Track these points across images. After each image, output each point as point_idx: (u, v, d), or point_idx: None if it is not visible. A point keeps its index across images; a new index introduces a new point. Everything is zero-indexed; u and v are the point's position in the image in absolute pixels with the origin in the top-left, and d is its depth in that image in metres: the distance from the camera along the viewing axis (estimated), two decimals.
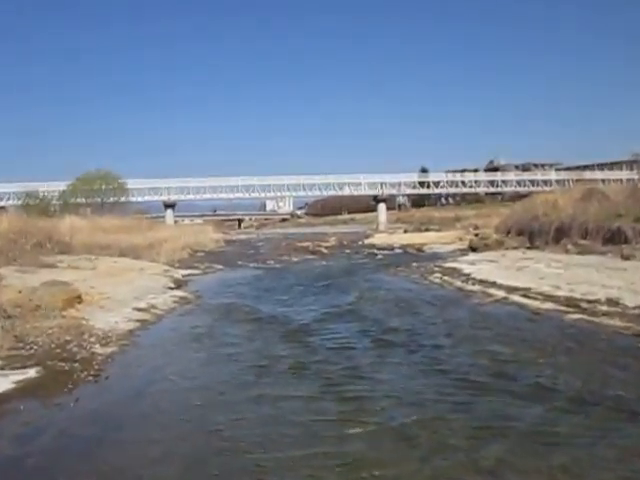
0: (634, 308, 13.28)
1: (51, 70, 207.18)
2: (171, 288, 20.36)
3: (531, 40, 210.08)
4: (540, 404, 8.42)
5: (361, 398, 8.90)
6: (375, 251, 38.16)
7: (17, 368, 10.24)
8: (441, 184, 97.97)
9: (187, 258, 34.76)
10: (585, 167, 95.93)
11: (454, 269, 22.47)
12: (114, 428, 8.11)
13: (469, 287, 18.73)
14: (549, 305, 14.79)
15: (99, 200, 60.74)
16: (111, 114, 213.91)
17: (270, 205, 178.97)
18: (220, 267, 30.33)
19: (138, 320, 14.61)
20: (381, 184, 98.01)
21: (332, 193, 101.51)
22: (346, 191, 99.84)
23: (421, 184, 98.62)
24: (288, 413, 8.42)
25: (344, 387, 9.41)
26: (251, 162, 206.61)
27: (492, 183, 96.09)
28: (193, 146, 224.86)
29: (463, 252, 30.72)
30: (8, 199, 72.10)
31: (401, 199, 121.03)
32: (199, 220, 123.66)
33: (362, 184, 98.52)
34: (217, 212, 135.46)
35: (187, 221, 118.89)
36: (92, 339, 12.20)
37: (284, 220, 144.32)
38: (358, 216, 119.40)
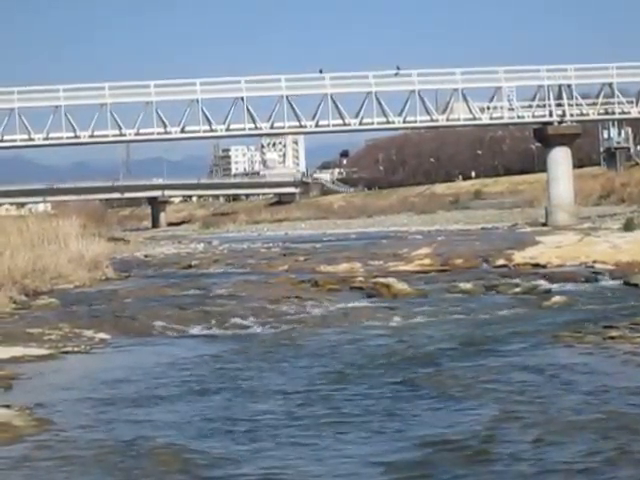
0: None
1: None
2: None
3: None
4: None
5: None
6: (541, 282, 20.15)
7: None
8: None
9: (9, 312, 18.24)
10: None
11: None
12: None
13: None
14: None
15: None
16: None
17: (241, 162, 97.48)
18: (104, 337, 15.18)
19: None
20: (560, 87, 43.13)
21: (411, 125, 46.14)
22: (457, 117, 44.34)
23: None
24: None
25: None
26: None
27: None
28: None
29: None
30: None
31: (616, 136, 56.96)
32: (42, 205, 72.24)
33: (503, 90, 43.70)
34: (94, 186, 74.41)
35: (6, 207, 65.77)
36: None
37: (280, 202, 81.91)
38: (495, 185, 59.25)
